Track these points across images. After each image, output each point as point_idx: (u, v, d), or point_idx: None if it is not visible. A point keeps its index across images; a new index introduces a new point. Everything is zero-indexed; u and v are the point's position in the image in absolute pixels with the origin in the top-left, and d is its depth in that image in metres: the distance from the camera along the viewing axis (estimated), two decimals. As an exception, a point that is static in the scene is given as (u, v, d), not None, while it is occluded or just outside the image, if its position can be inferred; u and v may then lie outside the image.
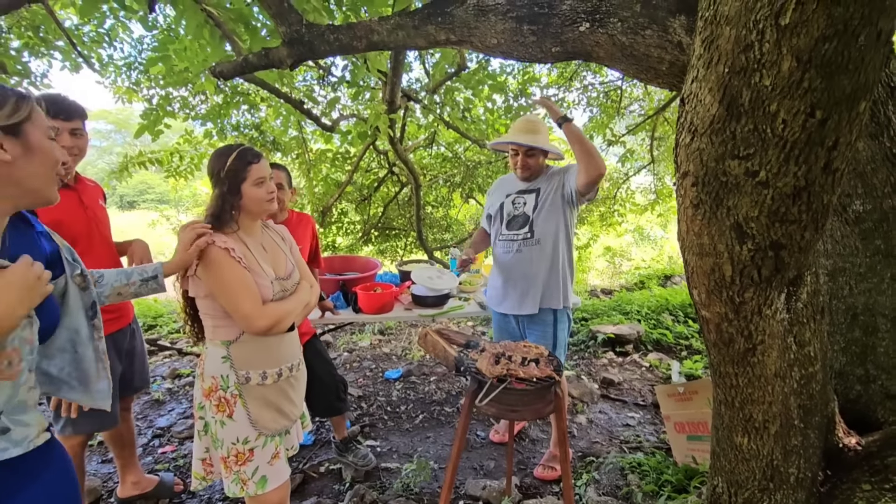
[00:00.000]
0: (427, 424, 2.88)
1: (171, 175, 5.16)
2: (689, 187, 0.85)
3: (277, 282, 1.47)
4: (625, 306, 4.49)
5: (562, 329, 2.26)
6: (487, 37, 1.52)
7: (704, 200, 0.84)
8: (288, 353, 1.54)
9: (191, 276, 1.36)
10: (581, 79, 6.29)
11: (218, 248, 1.33)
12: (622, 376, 3.44)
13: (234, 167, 1.41)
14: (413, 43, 1.64)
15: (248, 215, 1.48)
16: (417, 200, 5.64)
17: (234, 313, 1.35)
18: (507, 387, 1.45)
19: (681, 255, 0.98)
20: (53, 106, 1.57)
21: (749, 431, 1.12)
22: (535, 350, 1.66)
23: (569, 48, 1.44)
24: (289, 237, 1.66)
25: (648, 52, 1.36)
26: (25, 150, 0.86)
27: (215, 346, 1.43)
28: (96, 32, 4.02)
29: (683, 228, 0.91)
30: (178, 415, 2.98)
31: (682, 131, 0.82)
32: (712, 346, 1.06)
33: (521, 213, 2.22)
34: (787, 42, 0.64)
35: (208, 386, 1.43)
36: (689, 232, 0.90)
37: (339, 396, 2.30)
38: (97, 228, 1.78)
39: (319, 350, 2.27)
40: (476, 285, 3.11)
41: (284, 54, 1.74)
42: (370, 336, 4.43)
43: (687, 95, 0.80)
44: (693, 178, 0.83)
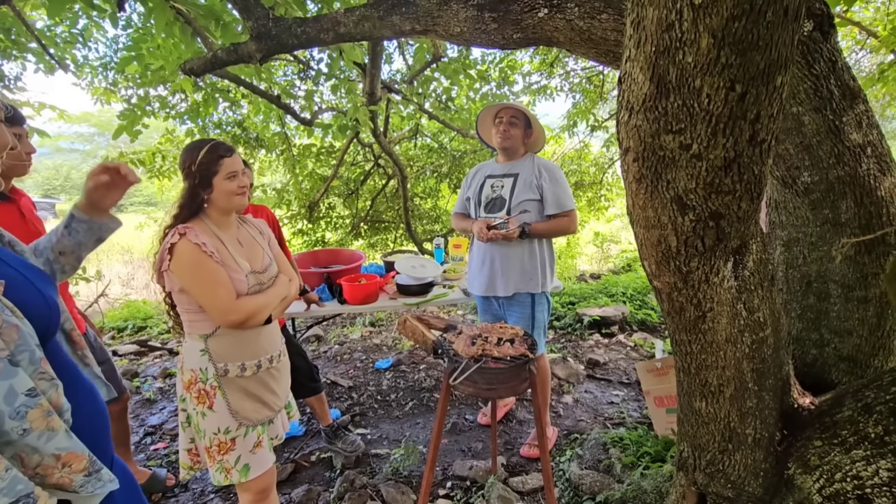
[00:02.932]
0: (416, 411, 2.94)
1: (154, 175, 5.14)
2: (631, 163, 0.89)
3: (253, 275, 1.50)
4: (611, 289, 4.56)
5: (540, 311, 2.31)
6: (451, 25, 1.54)
7: (646, 175, 0.88)
8: (267, 345, 1.57)
9: (164, 272, 1.39)
10: (563, 65, 6.31)
11: (189, 243, 1.36)
12: (608, 357, 3.51)
13: (206, 160, 1.43)
14: (379, 34, 1.66)
15: (218, 209, 1.50)
16: (404, 192, 5.67)
17: (207, 308, 1.38)
18: (482, 366, 1.50)
19: (632, 228, 1.02)
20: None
21: (706, 396, 1.18)
22: (510, 331, 1.71)
23: (529, 34, 1.47)
24: (267, 231, 1.69)
25: (605, 35, 1.40)
26: None
27: (193, 340, 1.46)
28: (69, 33, 3.97)
29: (630, 203, 0.95)
30: (169, 413, 3.01)
31: (621, 109, 0.86)
32: (667, 316, 1.11)
33: (499, 196, 2.26)
34: (702, 21, 0.67)
35: (188, 379, 1.47)
36: (634, 206, 0.95)
37: (311, 377, 2.37)
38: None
39: (289, 339, 2.32)
40: (460, 272, 3.15)
41: (253, 49, 1.75)
42: (361, 328, 4.47)
43: (623, 75, 0.83)
44: (634, 153, 0.87)
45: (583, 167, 7.68)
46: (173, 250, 1.36)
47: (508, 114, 2.23)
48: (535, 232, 2.16)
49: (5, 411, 0.72)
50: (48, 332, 0.87)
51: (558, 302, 4.49)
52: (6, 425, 0.72)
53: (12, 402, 0.72)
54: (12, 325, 0.74)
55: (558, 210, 2.18)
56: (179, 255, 1.36)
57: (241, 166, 1.53)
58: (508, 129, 2.23)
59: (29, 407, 0.73)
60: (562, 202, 2.18)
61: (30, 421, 0.74)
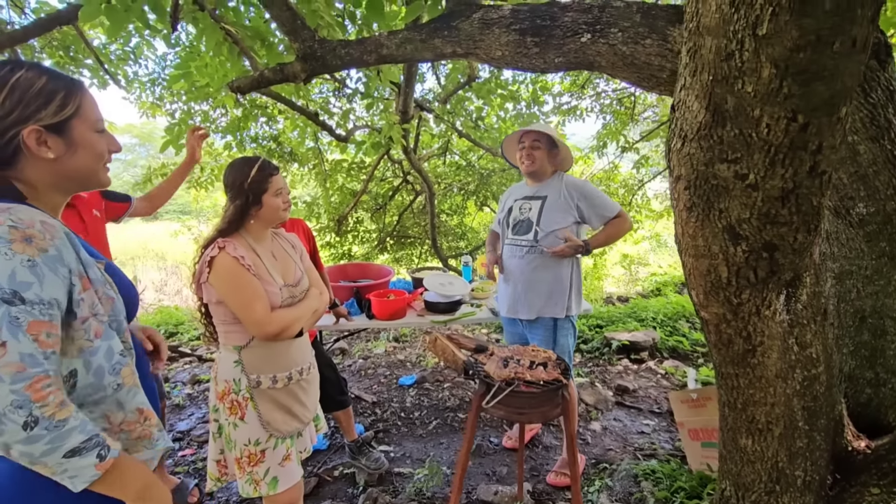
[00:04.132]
0: (440, 430, 2.90)
1: (193, 186, 5.32)
2: (682, 191, 0.87)
3: (286, 288, 1.53)
4: (640, 313, 4.45)
5: (563, 335, 2.26)
6: (492, 49, 1.57)
7: (697, 203, 0.87)
8: (298, 358, 1.59)
9: (203, 283, 1.43)
10: (594, 86, 6.30)
11: (228, 257, 1.39)
12: (637, 384, 3.41)
13: (258, 178, 1.48)
14: (421, 56, 1.70)
15: (263, 223, 1.55)
16: (431, 209, 5.71)
17: (243, 319, 1.41)
18: (514, 390, 1.47)
19: (680, 257, 1.00)
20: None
21: (753, 433, 1.12)
22: (542, 354, 1.68)
23: (571, 58, 1.48)
24: (299, 245, 1.72)
25: (649, 60, 1.39)
26: (69, 146, 0.86)
27: (227, 351, 1.49)
28: (122, 51, 4.21)
29: (679, 231, 0.93)
30: (197, 419, 3.06)
31: (674, 137, 0.85)
32: (713, 347, 1.08)
33: (526, 218, 2.25)
34: (765, 51, 0.66)
35: (221, 389, 1.49)
36: (684, 234, 0.93)
37: (340, 391, 2.38)
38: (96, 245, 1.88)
39: (320, 350, 2.34)
40: (488, 291, 3.13)
41: (298, 69, 1.81)
42: (385, 343, 4.48)
43: (676, 103, 0.83)
44: (685, 181, 0.86)
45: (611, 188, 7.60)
46: (213, 263, 1.40)
47: (530, 138, 2.24)
48: (596, 245, 2.18)
49: (105, 367, 0.84)
50: (133, 310, 1.00)
51: (585, 325, 4.41)
52: (105, 380, 0.84)
53: (110, 359, 0.85)
54: (109, 297, 0.88)
55: (604, 222, 2.16)
56: (218, 267, 1.39)
57: (284, 182, 1.58)
58: (532, 153, 2.24)
59: (122, 364, 0.87)
60: (605, 213, 2.16)
61: (123, 376, 0.87)
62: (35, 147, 0.82)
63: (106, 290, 0.87)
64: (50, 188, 0.87)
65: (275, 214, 1.54)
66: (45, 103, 0.82)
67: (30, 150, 0.81)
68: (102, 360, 0.83)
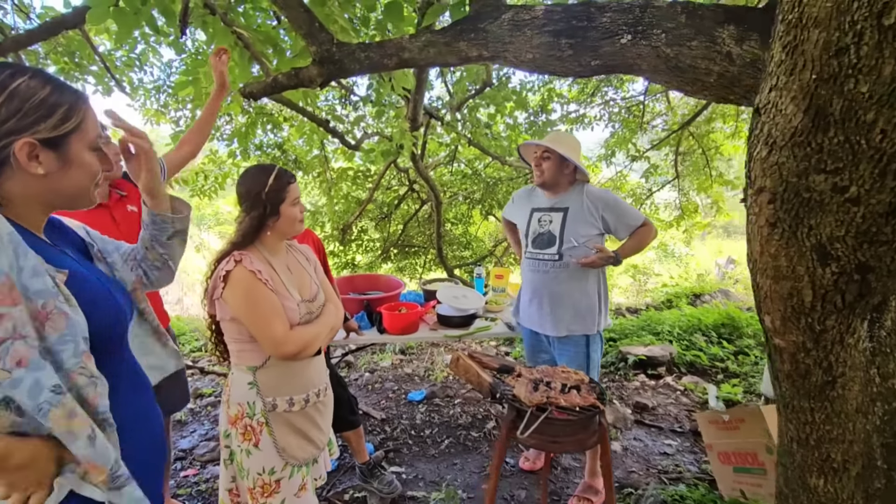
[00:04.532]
0: (453, 450, 2.78)
1: (197, 194, 5.24)
2: (766, 205, 0.77)
3: (303, 304, 1.43)
4: (655, 326, 4.33)
5: (594, 350, 2.17)
6: (522, 52, 1.48)
7: (783, 219, 0.77)
8: (315, 378, 1.49)
9: (217, 300, 1.33)
10: (602, 94, 6.25)
11: (245, 271, 1.29)
12: (656, 400, 3.29)
13: (275, 187, 1.39)
14: (444, 60, 1.61)
15: (279, 235, 1.45)
16: (438, 218, 5.62)
17: (261, 338, 1.30)
18: (548, 417, 1.36)
19: (751, 278, 0.90)
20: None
21: (826, 472, 1.01)
22: (574, 376, 1.58)
23: (608, 61, 1.39)
24: (313, 257, 1.63)
25: (695, 63, 1.30)
26: (63, 164, 0.78)
27: (241, 372, 1.39)
28: (128, 57, 4.14)
29: (756, 249, 0.83)
30: (199, 437, 2.94)
31: (758, 144, 0.75)
32: (785, 378, 0.97)
33: (547, 231, 2.15)
34: (891, 45, 0.57)
35: (234, 413, 1.38)
36: (763, 253, 0.82)
37: (352, 410, 2.26)
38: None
39: (330, 367, 2.22)
40: (503, 304, 3.03)
41: (315, 73, 1.72)
42: (391, 356, 4.36)
43: (763, 105, 0.73)
44: (770, 194, 0.76)
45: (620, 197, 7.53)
46: (228, 277, 1.30)
47: (540, 150, 2.17)
48: (625, 255, 2.09)
49: (29, 406, 0.69)
50: (112, 331, 0.85)
51: (598, 337, 4.30)
52: (27, 424, 0.71)
53: (36, 397, 0.69)
54: (62, 313, 0.73)
55: (630, 232, 2.09)
56: (234, 282, 1.30)
57: (299, 192, 1.49)
58: (540, 165, 2.16)
59: (52, 405, 0.70)
60: (631, 223, 2.08)
61: (52, 420, 0.70)
62: (25, 161, 0.74)
63: (59, 304, 0.72)
64: (30, 203, 0.79)
65: (292, 226, 1.44)
66: (46, 116, 0.75)
67: (18, 163, 0.73)
68: (24, 398, 0.68)
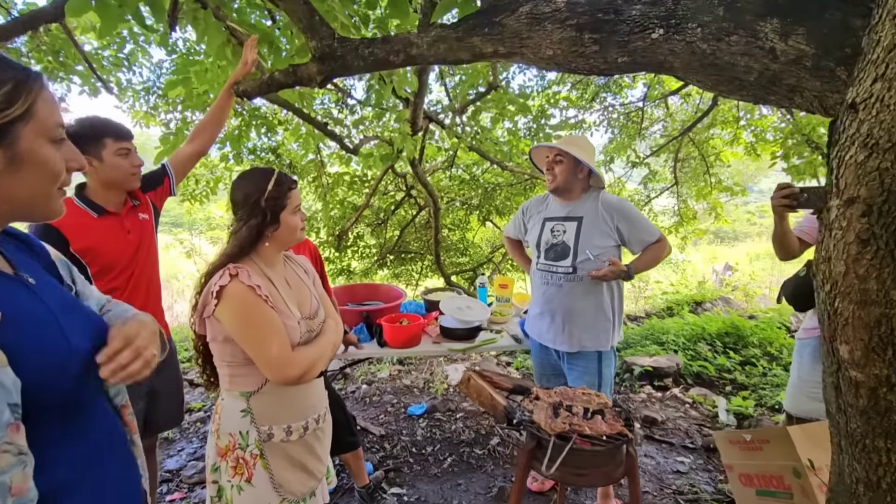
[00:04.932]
0: (457, 469, 2.64)
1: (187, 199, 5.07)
2: (857, 218, 0.66)
3: (304, 322, 1.29)
4: (659, 335, 4.23)
5: (607, 367, 2.06)
6: (542, 48, 1.36)
7: (878, 235, 0.65)
8: (316, 403, 1.35)
9: (208, 318, 1.19)
10: (601, 100, 6.18)
11: (242, 286, 1.16)
12: (664, 414, 3.18)
13: (275, 193, 1.26)
14: (455, 56, 1.49)
15: (278, 246, 1.32)
16: (436, 224, 5.49)
17: (261, 361, 1.17)
18: (573, 447, 1.24)
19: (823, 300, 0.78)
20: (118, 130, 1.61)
21: (899, 519, 0.90)
22: (596, 399, 1.45)
23: (637, 58, 1.28)
24: (311, 269, 1.49)
25: (734, 60, 1.19)
26: (11, 161, 0.61)
27: (233, 398, 1.25)
28: (115, 57, 3.99)
29: (840, 269, 0.71)
30: (188, 456, 2.77)
31: (852, 146, 0.64)
32: (858, 414, 0.85)
33: (561, 241, 2.04)
34: None
35: (225, 444, 1.24)
36: (848, 273, 0.71)
37: (350, 431, 2.13)
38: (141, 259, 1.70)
39: (328, 386, 2.08)
40: (507, 316, 2.90)
41: (314, 71, 1.60)
42: (389, 366, 4.21)
43: (863, 99, 0.61)
44: (864, 205, 0.64)
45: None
46: (222, 293, 1.16)
47: (553, 153, 2.06)
48: (638, 270, 1.99)
49: None
50: (62, 382, 0.65)
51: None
52: None
53: None
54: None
55: (644, 247, 1.97)
56: (230, 299, 1.16)
57: (300, 199, 1.36)
58: (553, 169, 2.05)
59: None
60: (646, 238, 1.97)
61: None
62: None
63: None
64: None
65: (292, 235, 1.31)
66: None
67: None
68: None
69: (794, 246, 1.88)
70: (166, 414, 1.85)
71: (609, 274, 1.91)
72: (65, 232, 1.49)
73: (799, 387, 2.06)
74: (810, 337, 2.02)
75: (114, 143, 1.58)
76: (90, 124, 1.57)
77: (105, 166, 1.58)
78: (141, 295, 1.73)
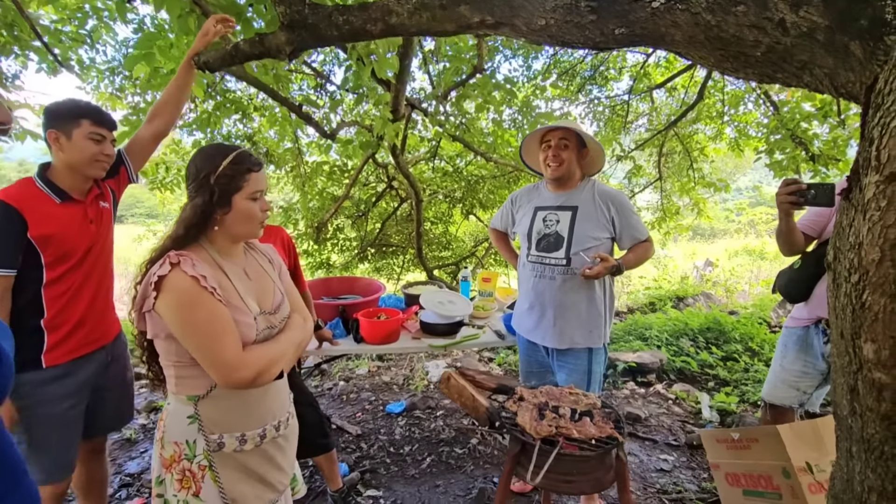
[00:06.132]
0: (435, 469, 2.54)
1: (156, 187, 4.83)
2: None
3: (263, 317, 1.16)
4: (642, 331, 4.19)
5: (597, 364, 1.98)
6: (534, 17, 1.25)
7: (926, 216, 0.55)
8: (275, 408, 1.22)
9: (147, 312, 1.05)
10: (587, 92, 6.11)
11: (185, 276, 1.02)
12: (647, 410, 3.13)
13: (230, 172, 1.12)
14: (439, 27, 1.37)
15: (230, 234, 1.18)
16: (418, 216, 5.36)
17: (206, 362, 1.03)
18: (560, 452, 1.14)
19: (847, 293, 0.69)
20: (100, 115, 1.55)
21: (919, 534, 0.82)
22: (584, 399, 1.36)
23: (637, 30, 1.17)
24: (277, 259, 1.36)
25: (741, 33, 1.10)
26: None
27: (180, 403, 1.11)
28: (77, 33, 3.73)
29: (874, 256, 0.62)
30: (151, 458, 2.61)
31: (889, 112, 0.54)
32: (879, 419, 0.77)
33: (554, 232, 1.94)
34: None
35: (169, 454, 1.11)
36: (884, 261, 0.61)
37: (323, 432, 2.00)
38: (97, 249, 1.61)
39: (299, 385, 1.95)
40: (490, 311, 2.80)
41: (283, 40, 1.46)
42: (368, 363, 4.08)
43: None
44: (911, 181, 0.55)
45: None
46: (161, 284, 1.02)
47: (557, 136, 1.92)
48: (628, 266, 1.91)
49: None
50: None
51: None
52: None
53: None
54: None
55: (633, 243, 1.89)
56: (170, 290, 1.02)
57: (266, 185, 1.22)
58: (559, 154, 1.91)
59: None
60: (637, 235, 1.90)
61: None
62: None
63: None
64: None
65: (247, 224, 1.17)
66: None
67: None
68: None
69: (800, 241, 1.82)
70: (113, 413, 1.71)
71: (602, 270, 1.82)
72: (25, 215, 1.41)
73: (780, 375, 2.04)
74: (797, 326, 1.99)
75: (90, 126, 1.51)
76: (74, 103, 1.52)
77: (71, 145, 1.49)
78: (92, 285, 1.60)
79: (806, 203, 1.48)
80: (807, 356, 1.95)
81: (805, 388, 1.97)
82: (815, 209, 1.80)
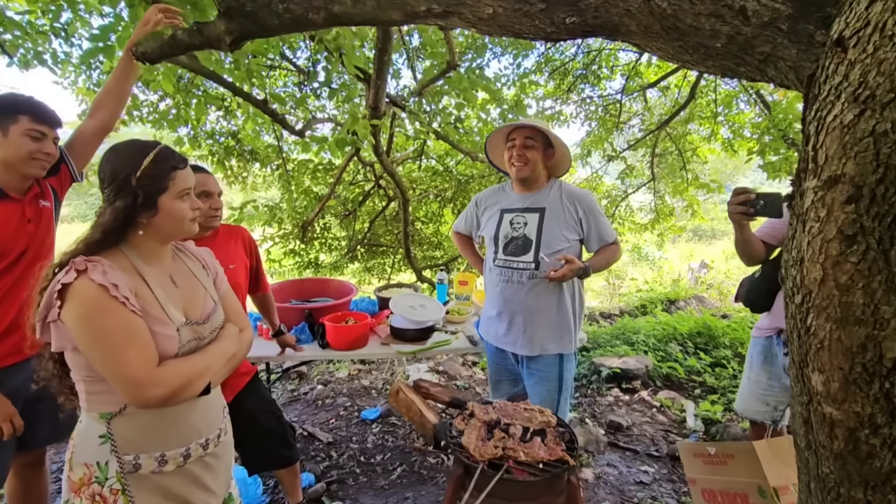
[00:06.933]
0: (405, 480, 2.45)
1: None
2: (841, 205, 0.47)
3: (188, 328, 1.07)
4: (629, 335, 4.10)
5: (568, 370, 1.90)
6: (481, 5, 1.16)
7: (869, 229, 0.46)
8: (201, 424, 1.13)
9: (52, 323, 0.96)
10: (579, 91, 6.02)
11: (91, 285, 0.93)
12: (631, 419, 3.04)
13: (153, 171, 1.03)
14: (385, 16, 1.28)
15: (158, 237, 1.09)
16: (405, 216, 5.27)
17: (112, 378, 0.94)
18: (504, 476, 1.05)
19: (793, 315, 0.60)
20: (40, 111, 1.47)
21: (879, 585, 0.73)
22: (539, 416, 1.26)
23: (588, 19, 1.08)
24: (213, 264, 1.27)
25: (698, 23, 1.01)
26: None
27: (91, 420, 1.02)
28: (51, 26, 3.64)
29: (816, 274, 0.53)
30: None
31: (836, 102, 0.45)
32: (833, 458, 0.67)
33: (521, 235, 1.85)
34: None
35: (78, 477, 1.02)
36: (826, 280, 0.52)
37: (287, 444, 1.89)
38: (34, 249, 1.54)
39: (262, 393, 1.85)
40: (466, 315, 2.71)
41: (222, 30, 1.36)
42: (348, 366, 3.99)
43: (854, 32, 0.42)
44: (851, 187, 0.46)
45: (594, 199, 7.34)
46: (66, 294, 0.93)
47: (522, 134, 1.84)
48: (596, 269, 1.85)
49: None
50: None
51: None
52: None
53: None
54: None
55: (601, 245, 1.81)
56: (75, 300, 0.93)
57: (193, 181, 1.13)
58: (524, 154, 1.83)
59: None
60: (605, 237, 1.82)
61: None
62: None
63: None
64: None
65: (178, 225, 1.08)
66: None
67: None
68: None
69: (759, 251, 1.73)
70: (52, 425, 1.61)
71: (569, 273, 1.73)
72: None
73: (748, 387, 1.98)
74: (761, 336, 1.91)
75: (29, 122, 1.44)
76: (13, 98, 1.45)
77: (8, 142, 1.42)
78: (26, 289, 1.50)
79: (756, 213, 1.41)
80: (772, 367, 1.87)
81: (774, 404, 1.88)
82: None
